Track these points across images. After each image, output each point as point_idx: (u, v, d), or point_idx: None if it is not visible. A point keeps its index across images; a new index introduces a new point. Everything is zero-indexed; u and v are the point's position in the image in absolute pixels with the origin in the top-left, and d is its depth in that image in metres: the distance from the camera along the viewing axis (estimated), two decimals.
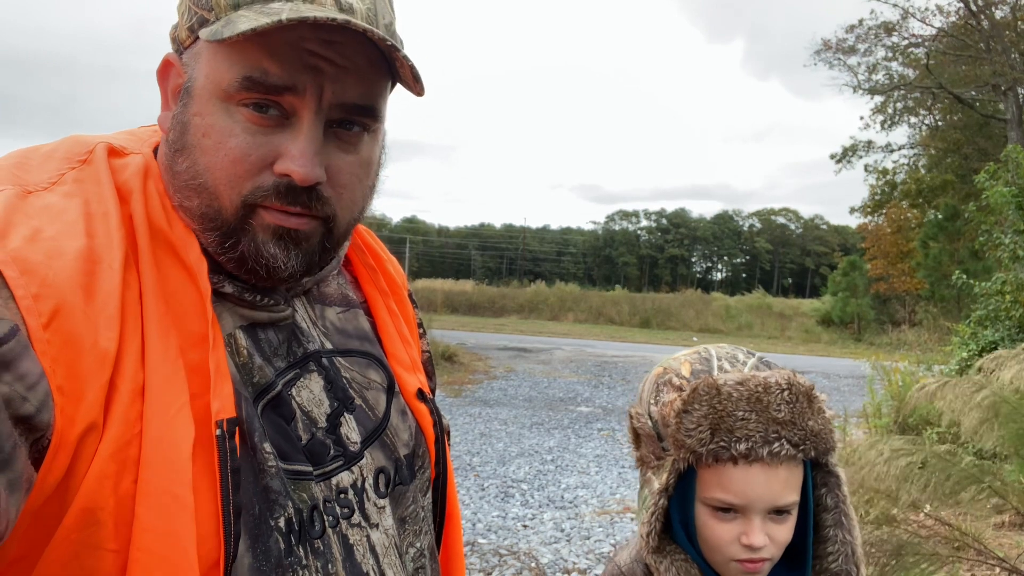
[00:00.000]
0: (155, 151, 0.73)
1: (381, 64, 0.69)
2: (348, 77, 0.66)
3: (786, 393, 0.92)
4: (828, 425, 0.95)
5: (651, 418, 0.99)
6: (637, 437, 1.03)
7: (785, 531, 0.94)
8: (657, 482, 0.96)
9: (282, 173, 0.65)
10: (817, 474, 0.99)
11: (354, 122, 0.69)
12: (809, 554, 0.99)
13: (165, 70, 0.72)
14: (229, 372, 0.65)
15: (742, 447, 0.90)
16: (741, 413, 0.91)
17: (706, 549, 0.97)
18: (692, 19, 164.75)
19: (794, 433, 0.91)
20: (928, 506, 2.92)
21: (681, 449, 0.93)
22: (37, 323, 0.54)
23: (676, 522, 0.98)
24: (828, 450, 0.96)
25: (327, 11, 0.62)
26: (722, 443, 0.90)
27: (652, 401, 0.99)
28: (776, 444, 0.90)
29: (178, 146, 0.68)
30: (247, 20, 0.61)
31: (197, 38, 0.67)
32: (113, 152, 0.70)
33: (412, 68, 0.67)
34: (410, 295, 0.97)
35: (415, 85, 0.69)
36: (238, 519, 0.62)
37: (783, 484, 0.92)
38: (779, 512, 0.93)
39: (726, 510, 0.93)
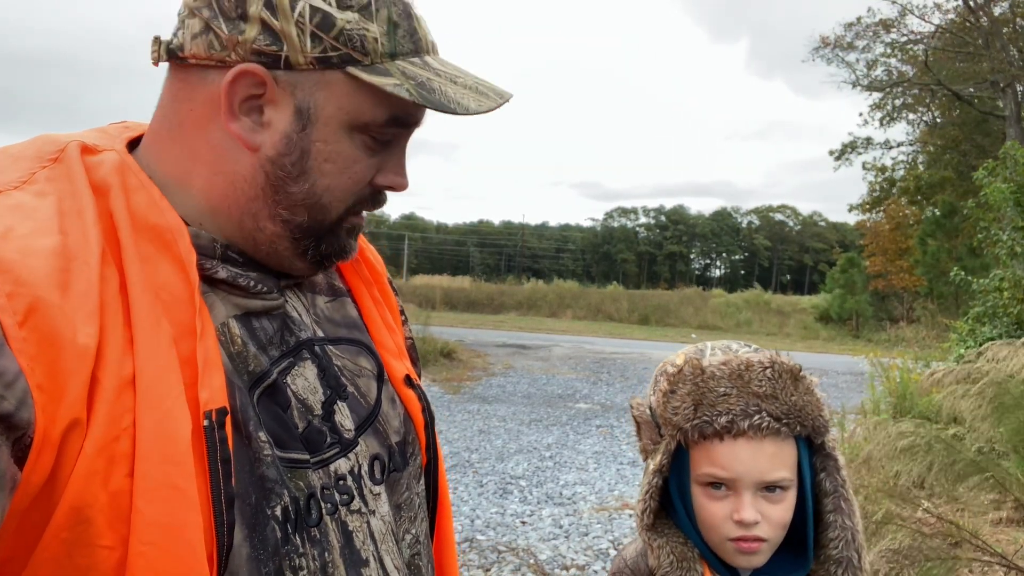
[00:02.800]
0: (128, 146, 0.72)
1: None
2: None
3: (768, 371, 0.95)
4: (815, 402, 0.96)
5: (650, 407, 1.03)
6: (639, 428, 1.06)
7: (780, 511, 0.95)
8: (653, 464, 0.99)
9: (386, 186, 0.75)
10: (816, 458, 0.99)
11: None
12: (810, 539, 0.98)
13: (242, 79, 0.68)
14: (220, 362, 0.65)
15: (723, 420, 0.93)
16: (723, 389, 0.94)
17: (704, 531, 0.98)
18: (697, 19, 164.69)
19: (775, 406, 0.93)
20: (926, 502, 2.92)
21: (669, 427, 0.97)
22: (12, 321, 0.53)
23: (680, 509, 1.00)
24: (818, 428, 0.96)
25: (491, 100, 0.72)
26: (705, 418, 0.94)
27: (651, 392, 1.03)
28: (756, 417, 0.92)
29: (297, 171, 0.70)
30: (465, 96, 0.70)
31: (318, 66, 0.67)
32: (86, 150, 0.69)
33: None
34: (390, 283, 0.98)
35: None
36: (231, 509, 0.62)
37: (769, 459, 0.93)
38: (770, 489, 0.94)
39: (717, 486, 0.95)
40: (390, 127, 0.71)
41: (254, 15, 0.66)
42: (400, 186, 0.75)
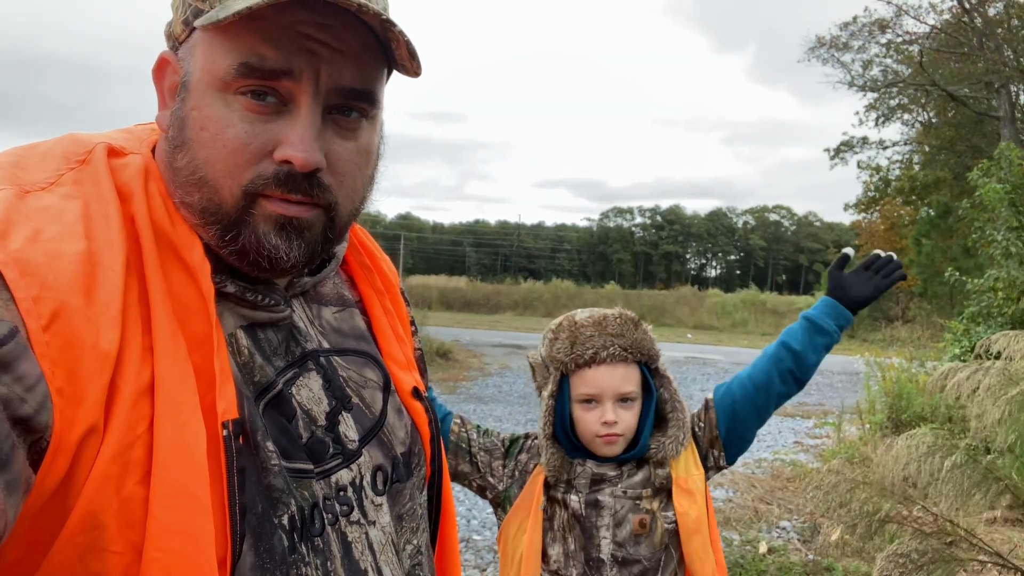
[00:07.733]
0: (153, 150, 0.73)
1: (376, 49, 0.68)
2: (344, 60, 0.66)
3: (618, 319, 1.41)
4: (650, 340, 1.43)
5: (541, 355, 1.45)
6: (533, 371, 1.48)
7: (629, 415, 1.39)
8: (546, 392, 1.41)
9: (282, 160, 0.64)
10: (656, 379, 1.44)
11: (352, 108, 0.68)
12: (647, 432, 1.41)
13: (161, 68, 0.71)
14: (231, 373, 0.65)
15: (589, 353, 1.37)
16: (588, 332, 1.39)
17: (581, 434, 1.40)
18: (701, 28, 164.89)
19: (622, 342, 1.38)
20: (920, 503, 2.92)
21: (554, 363, 1.40)
22: (37, 325, 0.54)
23: (558, 425, 1.41)
24: (652, 356, 1.42)
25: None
26: (577, 352, 1.38)
27: (542, 345, 1.46)
28: (612, 348, 1.37)
29: (177, 142, 0.67)
30: (242, 1, 0.61)
31: (192, 31, 0.67)
32: (112, 152, 0.69)
33: (408, 44, 0.66)
34: (402, 293, 0.97)
35: (411, 63, 0.69)
36: (243, 518, 0.62)
37: (622, 378, 1.38)
38: (624, 400, 1.38)
39: (588, 401, 1.38)
40: (248, 77, 0.63)
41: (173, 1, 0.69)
42: (294, 158, 0.64)
